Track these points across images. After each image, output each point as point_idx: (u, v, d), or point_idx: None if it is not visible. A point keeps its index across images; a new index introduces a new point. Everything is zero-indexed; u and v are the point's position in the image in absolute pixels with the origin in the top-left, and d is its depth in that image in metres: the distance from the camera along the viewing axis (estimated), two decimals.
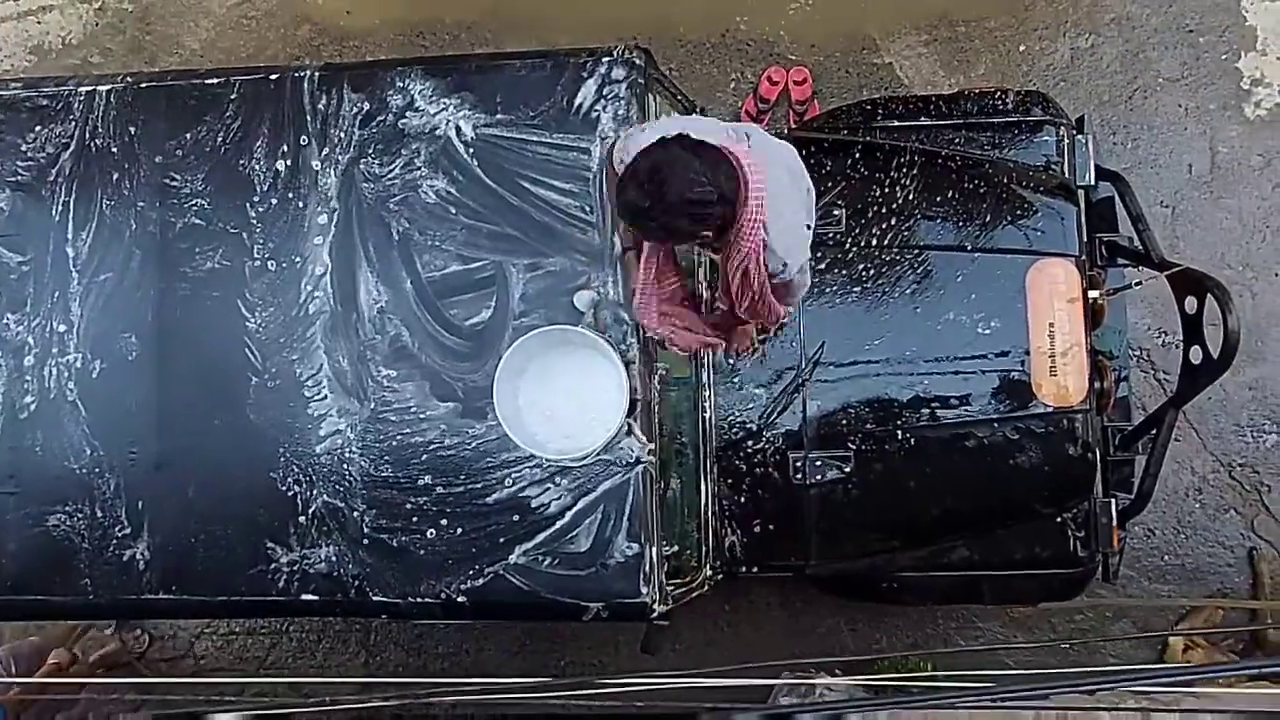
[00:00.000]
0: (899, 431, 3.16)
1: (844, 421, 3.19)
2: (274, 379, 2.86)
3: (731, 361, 3.21)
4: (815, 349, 3.20)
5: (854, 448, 3.18)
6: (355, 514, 2.80)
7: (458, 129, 2.82)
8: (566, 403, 2.72)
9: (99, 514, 2.89)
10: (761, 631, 4.17)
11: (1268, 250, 4.14)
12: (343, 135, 2.86)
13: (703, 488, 3.15)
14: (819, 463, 3.18)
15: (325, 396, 2.85)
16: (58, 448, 2.92)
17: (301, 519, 2.82)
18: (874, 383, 3.19)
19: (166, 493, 2.87)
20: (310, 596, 2.81)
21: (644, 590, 2.66)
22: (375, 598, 2.79)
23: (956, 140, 3.40)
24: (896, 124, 3.46)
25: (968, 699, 2.08)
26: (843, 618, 4.19)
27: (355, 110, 2.87)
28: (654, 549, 2.68)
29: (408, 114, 2.85)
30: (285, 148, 2.88)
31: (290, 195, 2.88)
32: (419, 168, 2.83)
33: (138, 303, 2.92)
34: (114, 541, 2.88)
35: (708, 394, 3.19)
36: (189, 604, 2.89)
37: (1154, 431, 3.26)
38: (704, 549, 3.14)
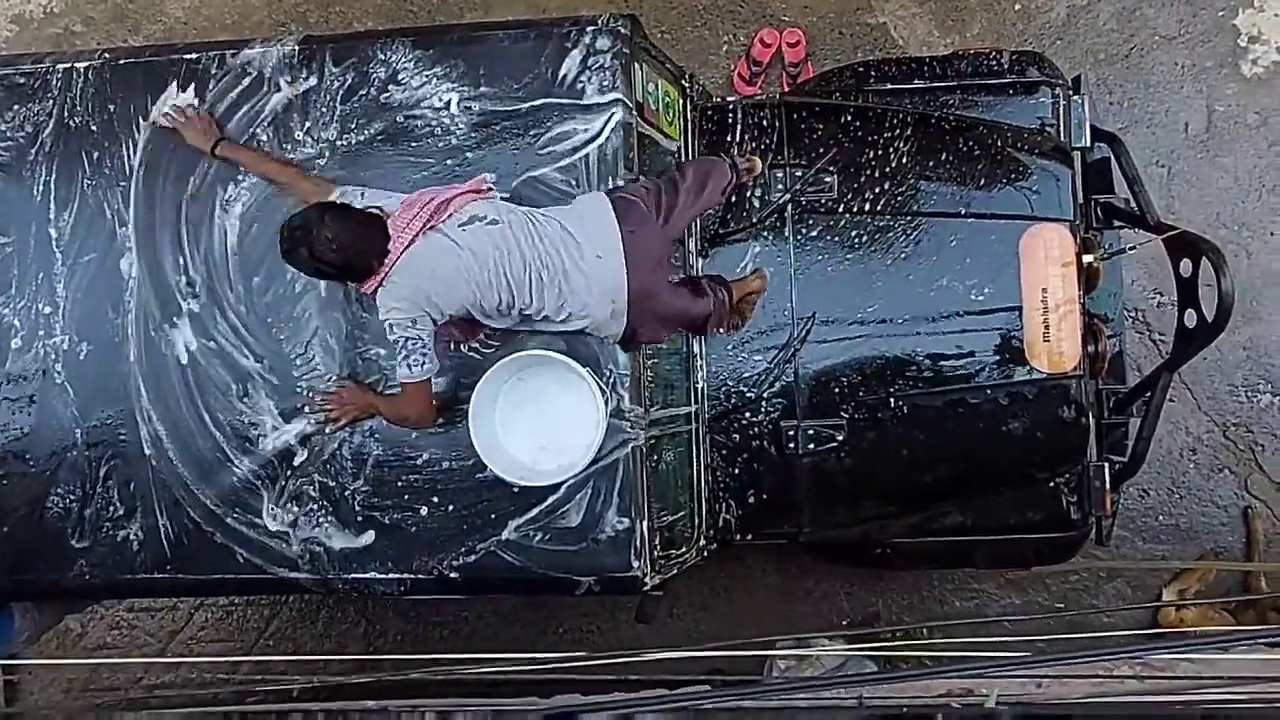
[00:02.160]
0: (892, 399, 3.15)
1: (837, 389, 3.17)
2: (262, 357, 2.84)
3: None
4: (807, 317, 3.18)
5: (847, 416, 3.17)
6: (347, 492, 2.81)
7: (442, 102, 2.77)
8: (546, 424, 2.73)
9: (91, 495, 2.89)
10: (756, 598, 4.20)
11: (1263, 209, 4.11)
12: (324, 110, 2.82)
13: (696, 458, 3.15)
14: (811, 431, 3.17)
15: (315, 374, 2.83)
16: (47, 430, 2.91)
17: (294, 497, 2.82)
18: (867, 350, 3.17)
19: (157, 473, 2.87)
20: (303, 574, 2.82)
21: (635, 564, 2.67)
22: (368, 574, 2.80)
23: (951, 102, 3.36)
24: (890, 86, 3.41)
25: (965, 668, 2.09)
26: (838, 582, 4.22)
27: (336, 84, 2.82)
28: (645, 523, 2.68)
29: (390, 87, 2.80)
30: (267, 122, 2.84)
31: None
32: (405, 142, 2.79)
33: (122, 283, 2.89)
34: (107, 523, 2.88)
35: (699, 364, 3.17)
36: (183, 583, 2.91)
37: (1148, 394, 3.25)
38: (698, 518, 3.15)
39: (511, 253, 2.56)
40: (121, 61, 2.94)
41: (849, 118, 3.27)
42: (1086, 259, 3.14)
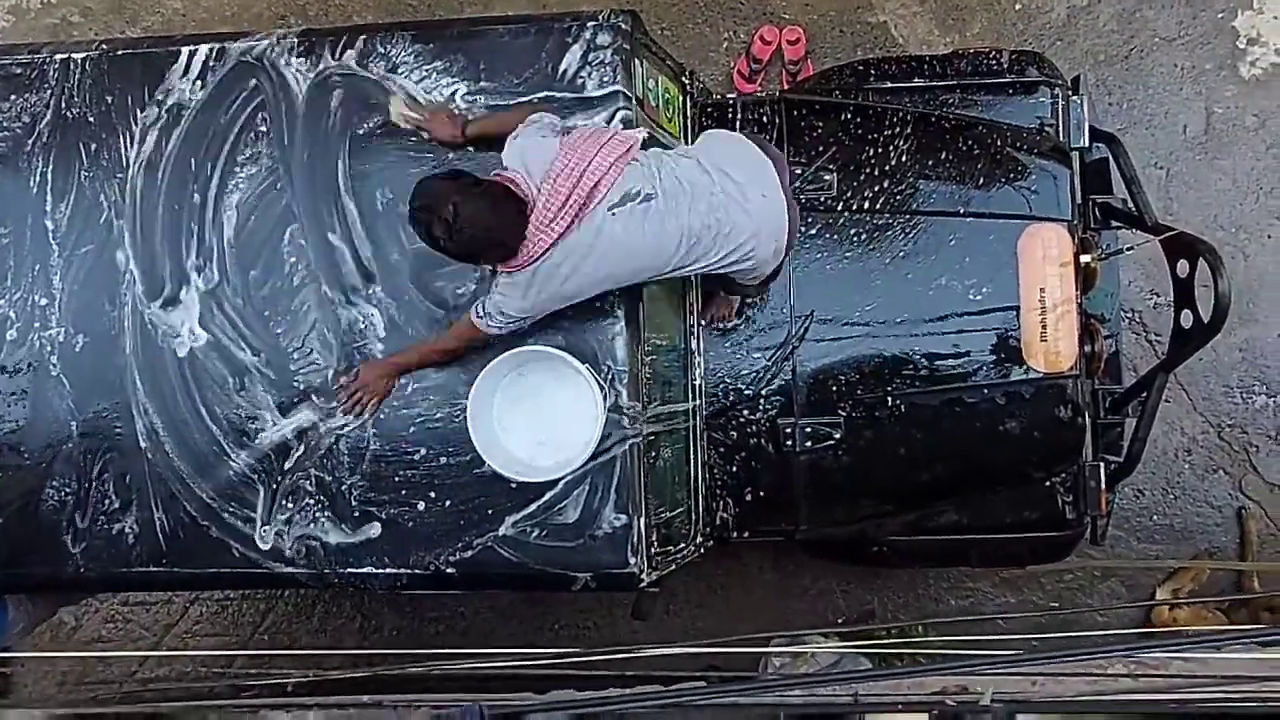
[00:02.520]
0: (889, 397, 3.15)
1: (834, 387, 3.18)
2: (260, 351, 2.84)
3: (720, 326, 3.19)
4: (805, 315, 3.18)
5: (844, 413, 3.17)
6: (344, 487, 2.80)
7: (443, 96, 2.77)
8: (544, 420, 2.72)
9: (87, 488, 2.88)
10: (753, 595, 4.20)
11: (1260, 212, 4.11)
12: (324, 103, 2.81)
13: (693, 455, 3.15)
14: (809, 429, 3.18)
15: (314, 368, 2.83)
16: (42, 423, 2.91)
17: (290, 492, 2.82)
18: (864, 349, 3.18)
19: (153, 466, 2.86)
20: (298, 569, 2.82)
21: (632, 561, 2.67)
22: (365, 569, 2.79)
23: (951, 101, 3.36)
24: (890, 85, 3.41)
25: (959, 665, 2.09)
26: (835, 580, 4.23)
27: (335, 76, 2.81)
28: (642, 519, 2.68)
29: (390, 81, 2.79)
30: (263, 115, 2.83)
31: (270, 164, 2.83)
32: (405, 136, 2.78)
33: (118, 276, 2.89)
34: (103, 516, 2.88)
35: (697, 361, 3.17)
36: (179, 576, 2.90)
37: (1144, 394, 3.26)
38: (695, 515, 3.15)
39: (667, 227, 2.45)
40: (120, 52, 2.93)
41: (849, 116, 3.27)
42: (1084, 259, 3.15)
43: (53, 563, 2.91)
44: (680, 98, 3.17)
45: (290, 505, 2.83)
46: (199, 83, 2.87)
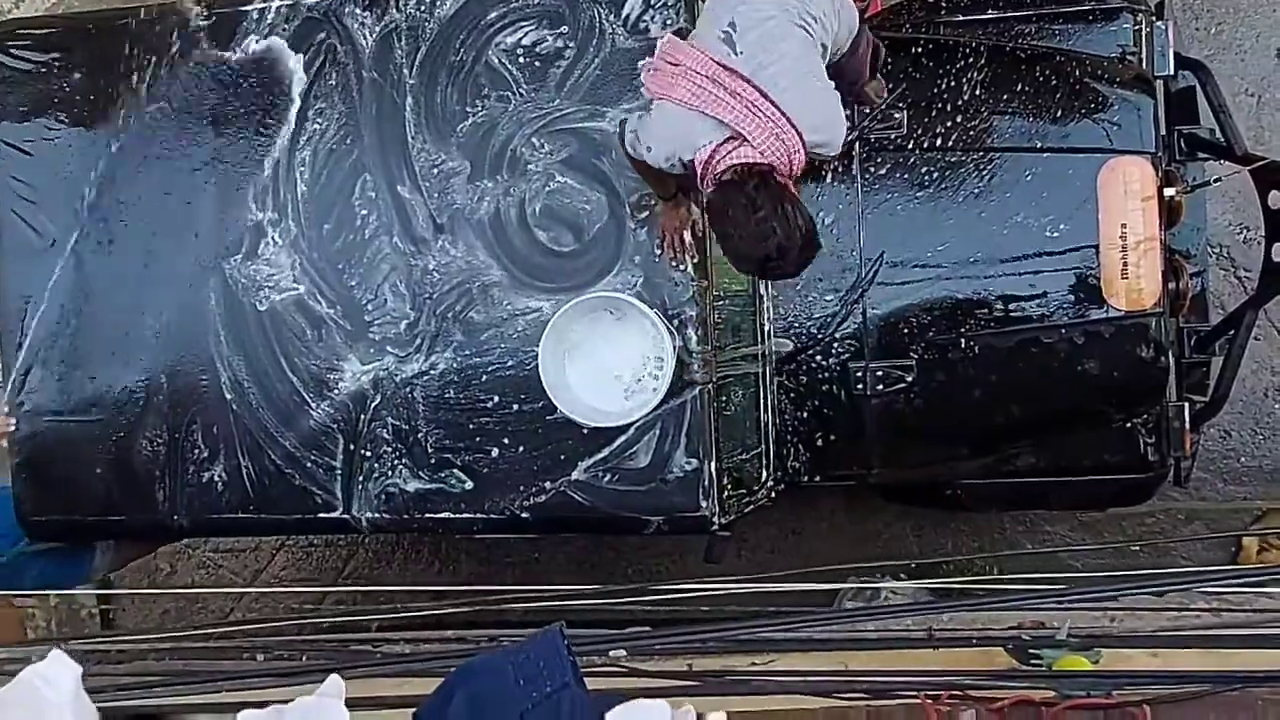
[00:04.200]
0: (963, 339, 3.10)
1: (906, 330, 3.14)
2: (335, 303, 2.90)
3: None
4: (876, 257, 3.13)
5: (916, 356, 3.13)
6: (420, 435, 2.87)
7: (505, 47, 2.77)
8: (615, 365, 2.74)
9: (177, 439, 3.00)
10: (825, 539, 4.20)
11: None
12: (395, 60, 2.84)
13: (763, 400, 3.15)
14: (880, 372, 3.14)
15: (387, 319, 2.88)
16: (134, 377, 3.03)
17: (369, 440, 2.89)
18: (937, 289, 3.12)
19: (238, 417, 2.96)
20: (379, 515, 2.90)
21: (703, 504, 2.69)
22: (441, 514, 2.86)
23: (1026, 32, 3.25)
24: (962, 18, 3.31)
25: (1035, 601, 2.08)
26: (908, 524, 4.20)
27: (400, 28, 2.83)
28: (712, 463, 2.70)
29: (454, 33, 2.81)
30: (331, 69, 2.87)
31: (339, 118, 2.88)
32: (469, 88, 2.80)
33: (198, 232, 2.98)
34: (192, 465, 2.99)
35: (766, 305, 3.16)
36: (266, 522, 3.02)
37: (1232, 332, 3.17)
38: (766, 460, 3.16)
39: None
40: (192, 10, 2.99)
41: (919, 51, 3.19)
42: (1168, 193, 3.04)
43: (147, 510, 3.05)
44: None
45: (369, 453, 2.91)
46: (268, 38, 2.91)
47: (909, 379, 3.13)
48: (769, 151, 2.24)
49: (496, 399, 2.83)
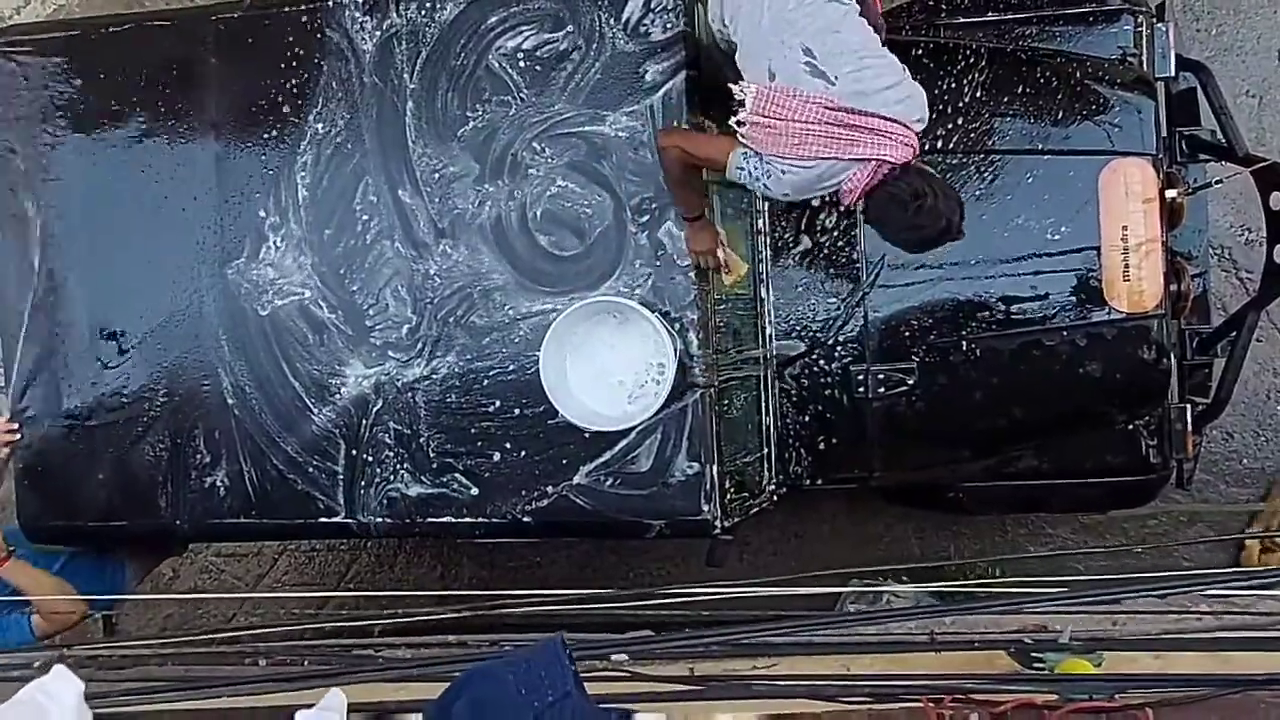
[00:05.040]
0: (964, 342, 3.10)
1: (907, 333, 3.14)
2: (336, 307, 2.91)
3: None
4: (877, 260, 3.13)
5: (918, 359, 3.13)
6: (422, 439, 2.87)
7: (505, 50, 2.77)
8: (616, 370, 2.74)
9: (179, 444, 3.00)
10: (827, 543, 4.20)
11: None
12: (396, 65, 2.84)
13: (765, 403, 3.15)
14: (882, 375, 3.14)
15: (389, 323, 2.89)
16: (137, 384, 3.03)
17: (370, 444, 2.89)
18: (938, 292, 3.12)
19: (240, 423, 2.97)
20: (381, 519, 2.90)
21: (705, 508, 2.69)
22: (443, 519, 2.86)
23: (1027, 34, 3.25)
24: (962, 20, 3.31)
25: (1037, 604, 2.07)
26: (910, 526, 4.20)
27: (400, 32, 2.84)
28: (714, 467, 2.70)
29: (453, 37, 2.81)
30: (332, 73, 2.87)
31: (340, 122, 2.88)
32: (469, 93, 2.80)
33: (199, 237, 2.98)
34: (194, 470, 3.00)
35: (767, 309, 3.16)
36: (267, 527, 3.02)
37: (1234, 334, 3.16)
38: (767, 463, 3.16)
39: None
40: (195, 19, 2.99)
41: (919, 53, 3.19)
42: (1169, 194, 3.04)
43: (149, 516, 3.05)
44: None
45: (371, 458, 2.91)
46: (269, 43, 2.92)
47: (910, 382, 3.13)
48: (901, 155, 2.40)
49: (498, 403, 2.83)
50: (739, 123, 2.42)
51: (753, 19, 2.45)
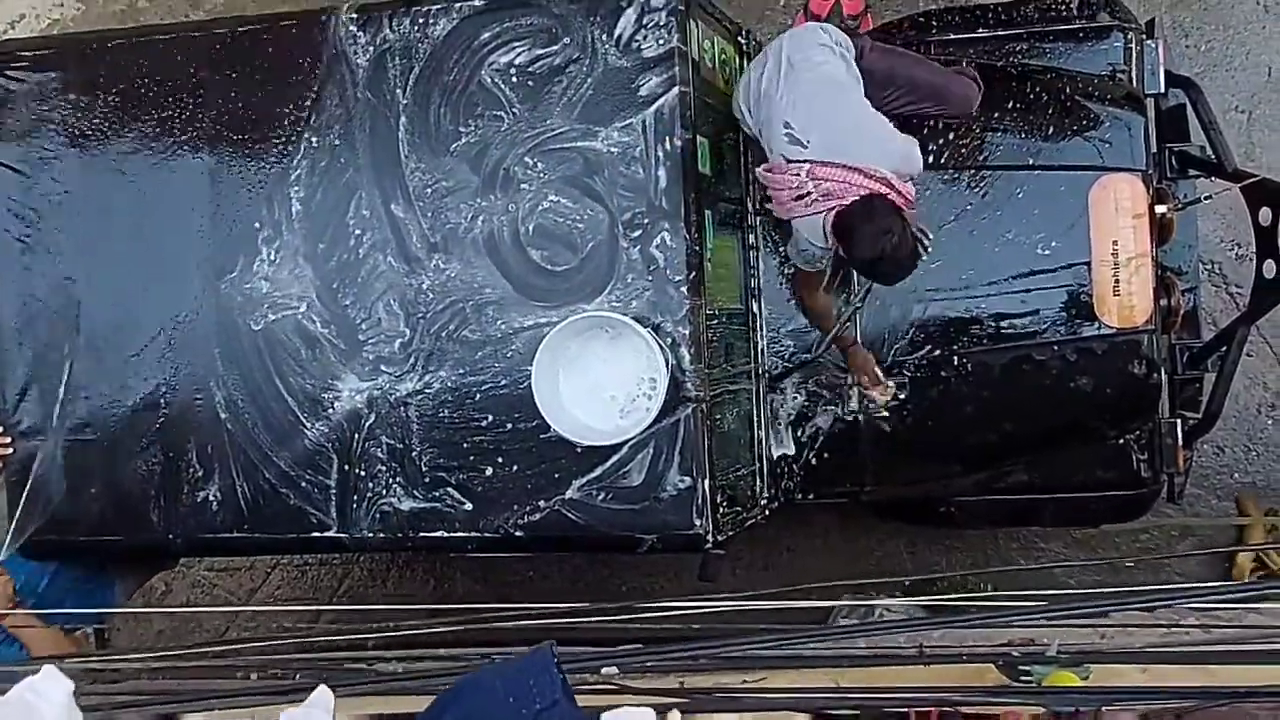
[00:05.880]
0: (955, 357, 3.12)
1: (899, 348, 3.15)
2: (330, 322, 2.91)
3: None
4: None
5: (909, 374, 3.15)
6: (415, 454, 2.86)
7: (499, 66, 2.79)
8: (608, 384, 2.75)
9: (171, 458, 2.99)
10: (819, 557, 4.20)
11: None
12: (389, 80, 2.85)
13: (757, 417, 3.15)
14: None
15: (381, 338, 2.89)
16: (130, 397, 3.02)
17: (363, 459, 2.89)
18: (930, 308, 3.14)
19: (233, 437, 2.96)
20: (373, 534, 2.90)
21: (697, 522, 2.69)
22: (435, 533, 2.86)
23: (1017, 50, 3.28)
24: (953, 36, 3.34)
25: (1025, 617, 2.07)
26: (902, 541, 4.20)
27: (394, 48, 2.85)
28: (706, 481, 2.70)
29: (447, 53, 2.82)
30: (325, 88, 2.88)
31: (334, 137, 2.89)
32: (464, 108, 2.81)
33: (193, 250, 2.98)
34: (187, 485, 2.99)
35: (760, 323, 3.17)
36: (259, 542, 3.01)
37: (1224, 348, 3.18)
38: (760, 478, 3.16)
39: None
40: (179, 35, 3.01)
41: None
42: (1159, 210, 3.07)
43: (142, 530, 3.04)
44: (737, 58, 3.15)
45: (364, 472, 2.91)
46: (264, 59, 2.93)
47: (902, 396, 3.14)
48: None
49: (491, 418, 2.83)
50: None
51: (757, 108, 2.84)
